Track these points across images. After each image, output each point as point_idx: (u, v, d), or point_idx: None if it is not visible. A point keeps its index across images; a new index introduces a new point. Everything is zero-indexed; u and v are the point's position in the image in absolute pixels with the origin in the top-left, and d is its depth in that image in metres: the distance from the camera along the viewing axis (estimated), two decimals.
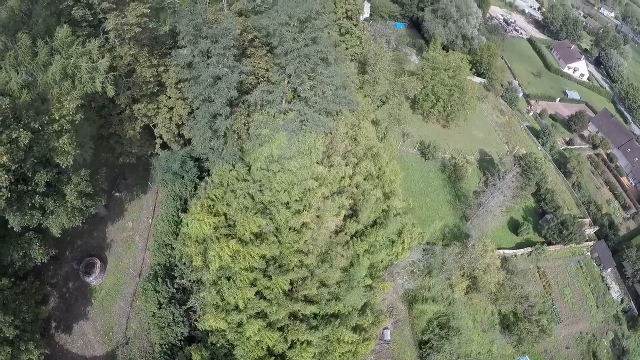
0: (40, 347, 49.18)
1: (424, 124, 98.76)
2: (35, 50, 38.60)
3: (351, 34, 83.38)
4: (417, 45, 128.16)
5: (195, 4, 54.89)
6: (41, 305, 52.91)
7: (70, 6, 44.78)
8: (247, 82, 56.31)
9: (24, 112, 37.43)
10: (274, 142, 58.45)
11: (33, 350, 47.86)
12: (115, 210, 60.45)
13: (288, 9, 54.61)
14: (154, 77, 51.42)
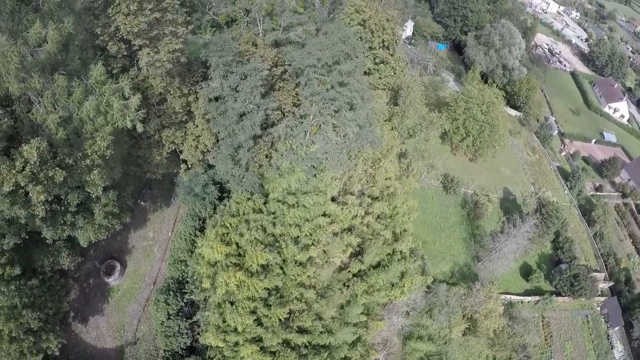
0: (59, 337, 53.73)
1: (451, 155, 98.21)
2: (70, 90, 41.45)
3: (386, 63, 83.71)
4: (456, 70, 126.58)
5: (230, 40, 56.98)
6: (63, 300, 57.42)
7: (105, 41, 47.28)
8: (272, 116, 58.15)
9: (59, 149, 40.82)
10: (293, 175, 60.45)
11: (52, 340, 52.37)
12: (139, 219, 63.87)
13: (317, 51, 56.08)
14: (182, 107, 53.88)
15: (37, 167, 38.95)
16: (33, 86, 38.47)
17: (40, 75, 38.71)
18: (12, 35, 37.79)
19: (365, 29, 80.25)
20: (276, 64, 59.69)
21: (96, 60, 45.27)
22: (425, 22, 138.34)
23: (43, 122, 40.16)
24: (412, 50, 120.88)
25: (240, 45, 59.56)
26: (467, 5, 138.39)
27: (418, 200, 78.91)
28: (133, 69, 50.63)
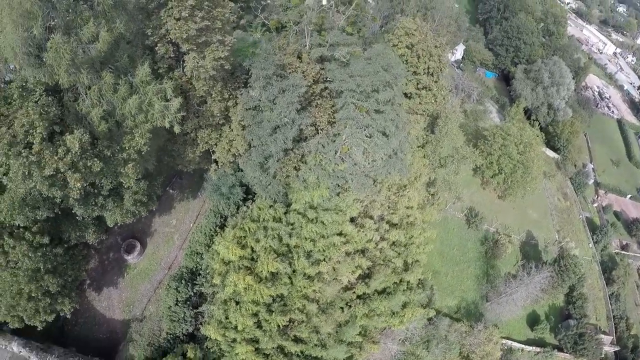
0: (73, 302, 57.25)
1: (479, 189, 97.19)
2: (116, 86, 43.47)
3: (428, 89, 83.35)
4: (501, 101, 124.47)
5: (274, 52, 58.02)
6: (83, 269, 60.76)
7: (155, 42, 49.04)
8: (306, 130, 59.28)
9: (98, 141, 43.32)
10: (317, 191, 61.65)
11: (67, 304, 55.88)
12: (165, 205, 66.40)
13: (358, 76, 56.72)
14: (221, 111, 55.59)
15: (78, 156, 41.49)
16: (81, 80, 40.85)
17: (89, 70, 40.93)
18: (67, 31, 39.74)
19: (412, 53, 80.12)
20: (317, 80, 60.60)
21: (143, 59, 47.13)
22: (476, 47, 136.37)
23: (87, 114, 42.64)
24: (459, 75, 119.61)
25: (284, 57, 60.75)
26: (522, 36, 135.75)
27: (438, 230, 79.10)
28: (178, 69, 52.48)
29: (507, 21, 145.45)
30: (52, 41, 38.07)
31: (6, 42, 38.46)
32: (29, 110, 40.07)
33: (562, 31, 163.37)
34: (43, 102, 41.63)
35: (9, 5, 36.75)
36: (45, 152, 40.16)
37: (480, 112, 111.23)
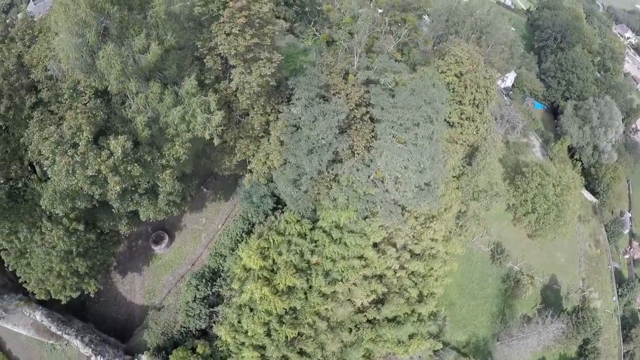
0: (98, 283, 59.84)
1: (510, 225, 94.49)
2: (162, 96, 44.54)
3: (471, 120, 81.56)
4: (545, 136, 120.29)
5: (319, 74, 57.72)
6: (112, 254, 63.00)
7: (204, 54, 49.63)
8: (342, 153, 59.15)
9: (140, 147, 44.59)
10: (345, 212, 61.76)
11: (92, 284, 58.46)
12: (197, 203, 67.68)
13: (400, 108, 55.93)
14: (261, 125, 56.03)
15: (119, 160, 42.90)
16: (129, 88, 41.98)
17: (138, 79, 41.95)
18: (119, 41, 40.80)
19: (460, 82, 78.42)
20: (360, 104, 60.23)
21: (191, 69, 47.85)
22: (528, 76, 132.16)
23: (132, 120, 43.89)
24: (506, 104, 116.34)
25: (330, 76, 60.59)
26: (576, 70, 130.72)
27: (461, 261, 77.96)
28: (224, 81, 53.01)
29: (562, 52, 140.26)
30: (104, 51, 39.22)
31: (60, 46, 39.86)
32: (78, 114, 41.53)
33: (618, 68, 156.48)
34: (91, 105, 43.22)
35: (64, 13, 38.02)
36: (90, 154, 41.69)
37: (523, 146, 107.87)
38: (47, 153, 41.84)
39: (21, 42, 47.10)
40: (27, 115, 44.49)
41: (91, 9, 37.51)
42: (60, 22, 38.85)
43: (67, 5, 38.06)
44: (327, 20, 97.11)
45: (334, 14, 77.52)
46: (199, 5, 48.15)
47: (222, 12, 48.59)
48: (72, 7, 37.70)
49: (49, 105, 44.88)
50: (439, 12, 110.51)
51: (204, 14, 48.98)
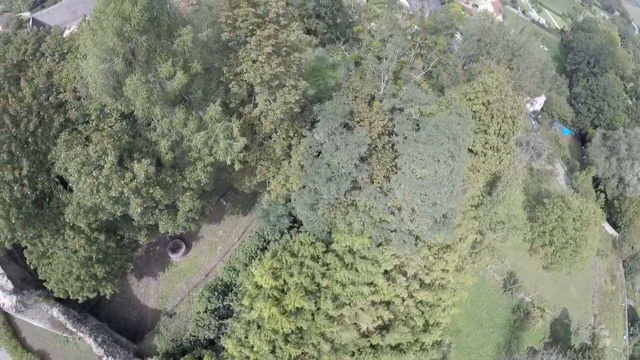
0: (115, 286, 60.77)
1: (525, 255, 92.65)
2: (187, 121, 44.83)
3: (495, 150, 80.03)
4: (571, 164, 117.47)
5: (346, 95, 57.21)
6: (130, 259, 64.06)
7: (229, 79, 49.58)
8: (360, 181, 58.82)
9: (162, 169, 45.12)
10: (360, 238, 61.70)
11: (109, 287, 59.45)
12: (216, 215, 68.13)
13: (421, 144, 55.10)
14: (283, 149, 56.02)
15: (142, 183, 43.51)
16: (155, 114, 42.41)
17: (163, 105, 42.34)
18: (146, 66, 41.05)
19: (487, 111, 76.95)
20: (383, 132, 59.68)
21: (216, 94, 47.93)
22: (558, 101, 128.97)
23: (156, 143, 44.43)
24: (533, 129, 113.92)
25: (355, 102, 60.13)
26: (607, 98, 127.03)
27: (472, 289, 77.15)
28: (249, 105, 53.01)
29: (594, 78, 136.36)
30: (130, 80, 39.62)
31: (88, 70, 40.42)
32: (104, 137, 42.22)
33: None
34: (117, 128, 43.85)
35: (92, 39, 38.44)
36: (114, 176, 42.37)
37: (547, 173, 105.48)
38: (73, 172, 42.69)
39: (51, 57, 47.93)
40: (54, 134, 45.39)
41: (118, 37, 37.68)
42: (89, 47, 39.34)
43: (95, 31, 38.49)
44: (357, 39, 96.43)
45: (364, 35, 76.65)
46: (227, 31, 48.21)
47: (250, 38, 48.75)
48: (100, 34, 38.08)
49: (76, 125, 45.73)
50: (472, 32, 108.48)
51: (231, 39, 49.04)
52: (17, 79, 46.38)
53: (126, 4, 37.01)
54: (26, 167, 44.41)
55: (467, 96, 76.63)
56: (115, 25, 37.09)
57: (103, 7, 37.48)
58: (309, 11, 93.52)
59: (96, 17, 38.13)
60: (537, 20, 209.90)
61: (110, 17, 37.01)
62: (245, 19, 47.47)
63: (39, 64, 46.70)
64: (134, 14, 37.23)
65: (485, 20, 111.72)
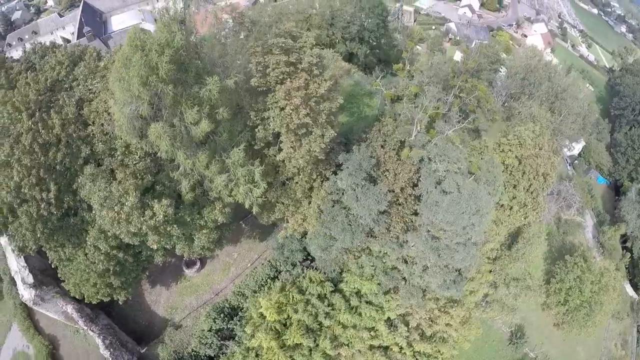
0: (129, 294, 62.20)
1: (538, 309, 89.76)
2: (209, 164, 44.74)
3: (522, 206, 77.55)
4: (601, 217, 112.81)
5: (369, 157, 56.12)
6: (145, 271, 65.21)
7: (256, 124, 49.02)
8: (377, 231, 57.99)
9: (181, 207, 45.45)
10: (368, 283, 61.24)
11: (123, 295, 60.93)
12: (233, 236, 68.24)
13: (442, 211, 53.44)
14: (304, 193, 55.51)
15: (160, 222, 43.95)
16: (178, 156, 42.47)
17: (187, 148, 42.23)
18: (172, 110, 40.95)
19: (520, 166, 74.40)
20: (407, 185, 58.42)
21: (242, 137, 47.49)
22: (597, 148, 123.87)
23: (178, 182, 44.67)
24: (567, 177, 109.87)
25: (383, 149, 58.91)
26: None
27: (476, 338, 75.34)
28: (274, 147, 52.46)
29: (638, 127, 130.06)
30: (154, 128, 39.58)
31: (115, 113, 40.53)
32: (127, 176, 42.61)
33: None
34: (140, 167, 44.25)
35: (119, 85, 38.32)
36: (134, 213, 42.92)
37: (574, 225, 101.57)
38: (96, 204, 43.54)
39: (83, 84, 48.52)
40: (81, 164, 46.21)
41: (143, 86, 37.45)
42: (116, 91, 39.32)
43: (122, 78, 38.32)
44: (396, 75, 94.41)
45: (403, 73, 74.79)
46: (257, 77, 47.33)
47: (279, 86, 47.73)
48: (126, 80, 37.93)
49: (102, 158, 46.42)
50: (516, 70, 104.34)
51: (261, 85, 48.14)
52: (49, 104, 47.03)
53: (153, 54, 36.55)
54: (54, 190, 45.44)
55: (500, 147, 74.36)
56: (141, 75, 36.78)
57: (129, 54, 37.22)
58: (352, 34, 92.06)
59: (123, 63, 37.88)
60: (585, 56, 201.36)
61: (136, 67, 36.72)
62: (276, 67, 46.45)
63: (69, 94, 47.28)
64: (160, 65, 36.83)
65: (532, 58, 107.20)
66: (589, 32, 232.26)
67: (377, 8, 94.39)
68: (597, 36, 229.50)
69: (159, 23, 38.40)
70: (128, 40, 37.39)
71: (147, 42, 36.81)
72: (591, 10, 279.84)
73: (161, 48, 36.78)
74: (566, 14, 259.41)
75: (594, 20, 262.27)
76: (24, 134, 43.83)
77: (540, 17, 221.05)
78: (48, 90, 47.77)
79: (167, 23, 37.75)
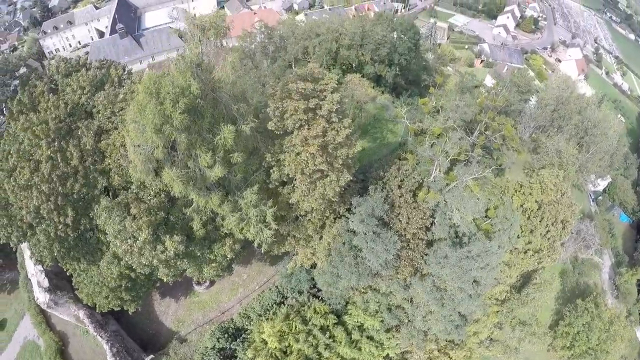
0: (138, 306, 63.63)
1: (543, 350, 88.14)
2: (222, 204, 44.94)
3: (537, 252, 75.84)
4: (620, 258, 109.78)
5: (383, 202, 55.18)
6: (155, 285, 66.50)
7: (270, 165, 48.66)
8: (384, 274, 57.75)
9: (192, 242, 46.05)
10: (372, 319, 61.21)
11: (133, 307, 62.39)
12: (245, 257, 68.74)
13: (448, 266, 52.70)
14: (315, 230, 55.36)
15: (171, 257, 44.66)
16: (191, 196, 42.80)
17: (200, 189, 42.39)
18: (187, 153, 40.97)
19: (539, 211, 72.63)
20: (420, 228, 57.76)
21: (256, 177, 47.41)
22: (622, 185, 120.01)
23: (190, 219, 45.15)
24: (590, 212, 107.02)
25: (400, 190, 58.25)
26: None
27: None
28: (288, 186, 52.16)
29: None
30: (167, 173, 39.82)
31: (130, 153, 40.81)
32: (141, 213, 43.24)
33: None
34: (154, 203, 44.80)
35: (134, 129, 38.41)
36: (147, 247, 43.65)
37: (591, 266, 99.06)
38: (110, 235, 44.44)
39: (103, 113, 49.18)
40: (98, 195, 47.10)
41: (157, 134, 37.28)
42: (131, 132, 39.28)
43: (136, 121, 38.27)
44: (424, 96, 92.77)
45: (428, 108, 73.31)
46: (274, 121, 46.46)
47: (297, 131, 47.05)
48: (141, 126, 37.88)
49: (118, 190, 47.21)
50: (547, 102, 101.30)
51: (278, 129, 47.36)
52: (68, 133, 47.72)
53: (167, 104, 36.30)
54: (71, 215, 46.50)
55: (522, 189, 72.85)
56: (155, 123, 36.64)
57: (144, 102, 36.97)
58: (381, 56, 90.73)
59: (138, 108, 37.72)
60: (619, 85, 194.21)
61: (150, 115, 36.51)
62: (294, 114, 45.68)
63: (88, 123, 47.88)
64: (174, 115, 36.60)
65: (565, 90, 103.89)
66: (625, 59, 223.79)
67: (410, 31, 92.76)
68: (632, 63, 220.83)
69: (176, 69, 37.88)
70: (143, 86, 37.14)
71: (161, 90, 36.41)
72: (628, 36, 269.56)
73: (176, 97, 36.42)
74: (602, 38, 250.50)
75: (631, 47, 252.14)
76: (43, 162, 44.80)
77: (575, 41, 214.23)
78: (68, 116, 48.55)
79: (183, 71, 37.01)
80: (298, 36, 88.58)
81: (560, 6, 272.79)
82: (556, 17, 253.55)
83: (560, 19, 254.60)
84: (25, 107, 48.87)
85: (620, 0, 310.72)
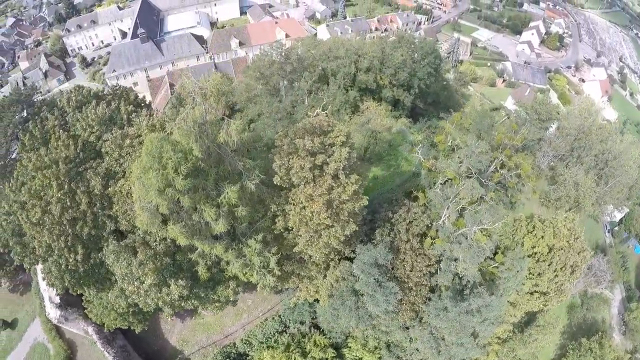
0: (144, 326, 65.10)
1: None
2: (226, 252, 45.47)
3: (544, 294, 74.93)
4: (630, 293, 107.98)
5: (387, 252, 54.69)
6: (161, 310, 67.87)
7: (276, 214, 48.85)
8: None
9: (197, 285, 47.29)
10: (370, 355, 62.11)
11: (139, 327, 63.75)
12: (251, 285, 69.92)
13: (446, 320, 52.61)
14: (318, 271, 55.66)
15: (176, 299, 45.79)
16: (195, 246, 43.53)
17: (205, 239, 42.93)
18: (191, 211, 41.36)
19: (548, 255, 71.62)
20: (424, 274, 57.64)
21: (262, 225, 47.65)
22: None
23: (195, 264, 46.02)
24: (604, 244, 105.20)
25: (408, 234, 58.02)
26: None
27: None
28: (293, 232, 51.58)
29: None
30: (172, 229, 40.44)
31: (136, 205, 41.26)
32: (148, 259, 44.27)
33: None
34: (160, 249, 45.68)
35: (139, 185, 38.70)
36: (152, 290, 44.75)
37: (600, 301, 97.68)
38: (118, 276, 45.72)
39: (110, 157, 49.96)
40: (106, 236, 48.18)
41: (160, 196, 37.40)
42: (136, 187, 39.57)
43: (141, 179, 38.42)
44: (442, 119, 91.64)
45: (443, 145, 72.47)
46: (279, 176, 46.13)
47: (302, 186, 46.61)
48: (145, 185, 38.03)
49: (125, 234, 48.21)
50: (568, 131, 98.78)
51: (283, 184, 47.03)
52: (78, 174, 48.69)
53: (169, 169, 36.48)
54: (81, 253, 47.75)
55: (534, 230, 72.06)
56: (158, 187, 36.84)
57: (147, 164, 37.16)
58: (400, 80, 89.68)
59: (142, 169, 37.97)
60: None
61: (152, 180, 36.69)
62: (299, 171, 45.14)
63: (97, 167, 48.67)
64: (177, 181, 36.72)
65: (587, 119, 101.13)
66: None
67: (430, 55, 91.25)
68: None
69: (178, 132, 37.64)
70: (145, 149, 37.28)
71: (163, 155, 36.50)
72: None
73: (178, 162, 36.60)
74: (628, 56, 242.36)
75: None
76: (53, 204, 45.98)
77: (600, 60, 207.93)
78: (78, 153, 49.40)
79: (186, 134, 36.79)
80: (317, 56, 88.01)
81: (586, 22, 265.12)
82: (581, 33, 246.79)
83: (586, 35, 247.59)
84: (37, 141, 50.01)
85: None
